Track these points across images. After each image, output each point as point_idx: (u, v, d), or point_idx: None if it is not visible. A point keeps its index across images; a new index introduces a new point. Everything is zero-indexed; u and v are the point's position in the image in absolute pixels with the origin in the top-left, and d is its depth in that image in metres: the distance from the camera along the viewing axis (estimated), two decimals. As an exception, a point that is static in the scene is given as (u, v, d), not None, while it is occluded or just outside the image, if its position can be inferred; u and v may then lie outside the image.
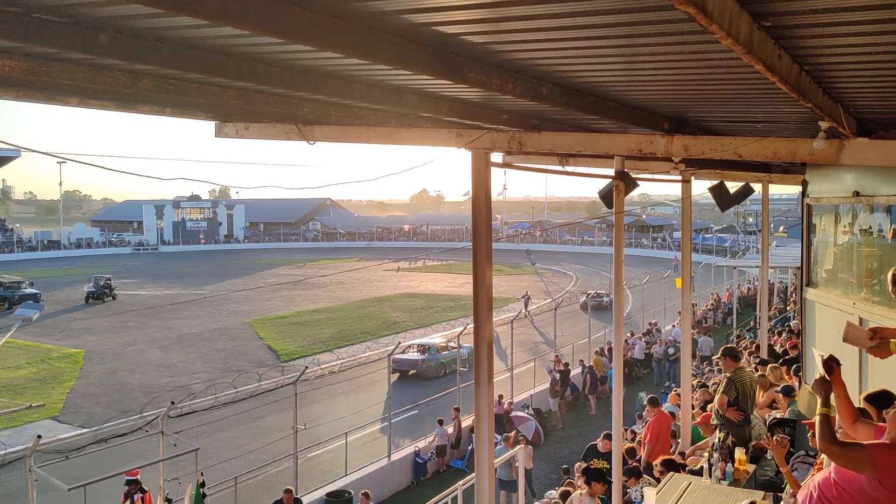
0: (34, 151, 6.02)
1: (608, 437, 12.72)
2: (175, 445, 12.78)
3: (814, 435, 4.20)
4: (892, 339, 4.58)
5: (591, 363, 24.04)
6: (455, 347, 23.40)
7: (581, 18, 3.14)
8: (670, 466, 8.42)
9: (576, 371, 24.13)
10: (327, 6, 3.00)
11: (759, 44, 3.02)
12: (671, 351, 25.82)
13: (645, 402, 14.06)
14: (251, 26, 2.78)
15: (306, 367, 19.72)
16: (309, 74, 4.81)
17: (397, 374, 26.54)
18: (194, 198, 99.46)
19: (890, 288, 4.53)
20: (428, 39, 3.66)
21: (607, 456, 12.53)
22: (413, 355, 27.19)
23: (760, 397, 10.60)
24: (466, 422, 18.69)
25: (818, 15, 2.96)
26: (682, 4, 2.01)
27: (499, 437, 15.60)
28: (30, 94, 5.78)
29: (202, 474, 12.54)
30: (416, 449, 18.07)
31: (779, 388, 10.75)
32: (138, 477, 12.61)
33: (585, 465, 11.02)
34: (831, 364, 4.36)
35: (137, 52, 3.67)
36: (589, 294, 38.87)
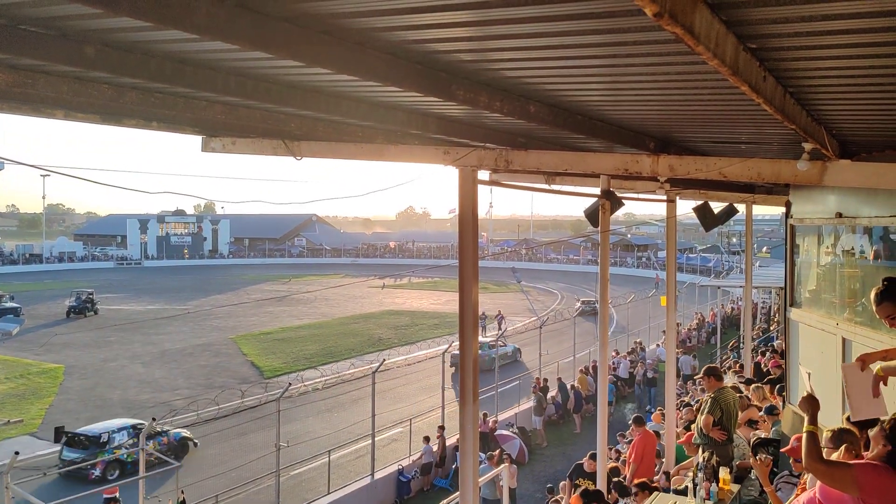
0: (19, 164, 5.96)
1: (594, 457, 12.73)
2: (156, 462, 12.64)
3: (798, 461, 4.18)
4: (879, 363, 4.59)
5: (577, 382, 24.02)
6: (502, 345, 28.53)
7: (568, 38, 3.16)
8: (644, 488, 8.43)
9: (553, 392, 23.96)
10: (316, 22, 3.00)
11: (745, 65, 3.06)
12: (649, 374, 25.64)
13: (630, 421, 14.06)
14: (240, 41, 2.77)
15: (290, 383, 19.57)
16: (297, 90, 4.81)
17: (454, 368, 27.80)
18: (179, 212, 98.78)
19: (874, 308, 4.55)
20: (417, 57, 3.67)
21: (593, 476, 12.50)
22: None
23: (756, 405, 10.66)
24: (450, 440, 18.61)
25: (802, 38, 3.00)
26: (670, 25, 2.03)
27: (483, 455, 15.51)
28: (14, 106, 5.73)
29: (182, 492, 12.41)
30: (400, 467, 17.93)
31: (762, 410, 10.78)
32: (117, 494, 12.43)
33: (581, 487, 10.92)
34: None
35: (125, 66, 3.66)
36: (584, 301, 42.04)
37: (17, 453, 11.48)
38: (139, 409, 24.47)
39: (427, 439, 18.37)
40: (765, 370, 17.13)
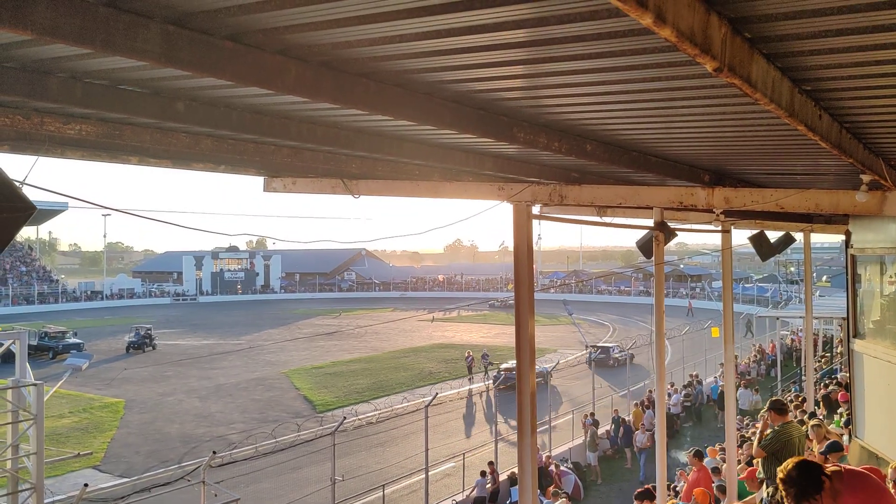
0: (97, 206, 6.35)
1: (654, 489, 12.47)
2: (216, 495, 12.88)
3: None
4: None
5: (631, 416, 23.66)
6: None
7: (629, 85, 3.32)
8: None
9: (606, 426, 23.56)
10: (391, 77, 3.22)
11: (801, 107, 3.16)
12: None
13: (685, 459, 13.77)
14: (323, 97, 3.00)
15: (345, 417, 19.75)
16: (363, 134, 5.05)
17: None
18: (232, 249, 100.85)
19: None
20: (480, 104, 3.87)
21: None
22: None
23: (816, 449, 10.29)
24: (502, 476, 18.49)
25: (856, 80, 3.09)
26: (729, 77, 2.17)
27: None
28: (96, 154, 6.13)
29: (243, 525, 12.56)
30: (454, 502, 17.86)
31: (822, 450, 10.39)
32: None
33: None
34: None
35: (210, 119, 3.94)
36: (596, 348, 37.34)
37: (86, 485, 11.86)
38: (197, 443, 24.96)
39: (483, 474, 18.30)
40: (834, 400, 16.62)
